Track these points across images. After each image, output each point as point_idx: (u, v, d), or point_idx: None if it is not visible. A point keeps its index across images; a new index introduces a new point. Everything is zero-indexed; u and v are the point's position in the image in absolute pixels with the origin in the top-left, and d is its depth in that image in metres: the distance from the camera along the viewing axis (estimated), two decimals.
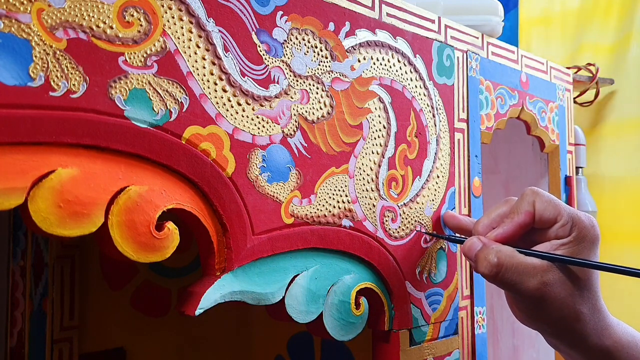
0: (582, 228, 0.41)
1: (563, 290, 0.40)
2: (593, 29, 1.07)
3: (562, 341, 0.42)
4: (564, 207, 0.42)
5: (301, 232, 0.40)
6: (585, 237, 0.41)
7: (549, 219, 0.42)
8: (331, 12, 0.43)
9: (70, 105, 0.30)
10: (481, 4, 0.59)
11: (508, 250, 0.41)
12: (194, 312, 0.34)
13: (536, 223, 0.42)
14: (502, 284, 0.41)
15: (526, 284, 0.39)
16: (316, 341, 0.62)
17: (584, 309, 0.40)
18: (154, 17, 0.33)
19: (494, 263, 0.40)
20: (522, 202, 0.43)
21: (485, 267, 0.41)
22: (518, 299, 0.41)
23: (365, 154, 0.45)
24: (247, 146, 0.37)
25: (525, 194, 0.43)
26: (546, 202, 0.42)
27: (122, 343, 0.59)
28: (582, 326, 0.41)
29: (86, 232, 0.30)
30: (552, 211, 0.41)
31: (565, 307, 0.40)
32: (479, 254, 0.42)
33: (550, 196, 0.43)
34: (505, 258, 0.40)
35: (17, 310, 0.55)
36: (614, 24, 1.05)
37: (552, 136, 0.66)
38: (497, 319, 0.75)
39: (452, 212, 0.51)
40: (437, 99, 0.51)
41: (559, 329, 0.41)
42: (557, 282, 0.40)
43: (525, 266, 0.40)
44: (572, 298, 0.40)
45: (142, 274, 0.60)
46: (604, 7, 1.07)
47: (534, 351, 0.74)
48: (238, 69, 0.37)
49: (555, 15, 1.15)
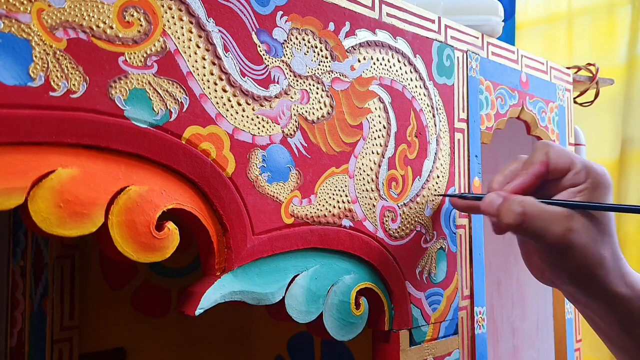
0: (596, 175, 0.42)
1: (587, 235, 0.40)
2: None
3: (583, 290, 0.42)
4: (576, 155, 0.43)
5: (301, 232, 0.40)
6: (600, 183, 0.41)
7: (564, 168, 0.42)
8: (331, 12, 0.43)
9: (70, 105, 0.30)
10: (481, 4, 0.59)
11: (530, 199, 0.41)
12: (194, 312, 0.34)
13: (550, 173, 0.43)
14: (528, 233, 0.41)
15: (552, 231, 0.40)
16: (316, 341, 0.62)
17: (606, 254, 0.41)
18: (154, 17, 0.33)
19: (519, 212, 0.40)
20: (535, 154, 0.43)
21: (510, 217, 0.41)
22: (541, 248, 0.42)
23: (365, 154, 0.45)
24: (247, 146, 0.37)
25: (538, 146, 0.44)
26: (559, 151, 0.43)
27: (122, 343, 0.59)
28: (604, 272, 0.41)
29: (86, 232, 0.30)
30: (566, 160, 0.42)
31: (589, 253, 0.40)
32: (501, 206, 0.42)
33: (562, 147, 0.43)
34: (530, 207, 0.40)
35: (17, 310, 0.55)
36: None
37: (552, 136, 0.66)
38: (497, 319, 0.75)
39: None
40: (437, 99, 0.51)
41: (581, 276, 0.41)
42: (582, 228, 0.40)
43: (550, 213, 0.40)
44: (596, 243, 0.40)
45: (142, 274, 0.60)
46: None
47: (534, 351, 0.74)
48: (238, 69, 0.37)
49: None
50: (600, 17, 1.24)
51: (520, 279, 0.77)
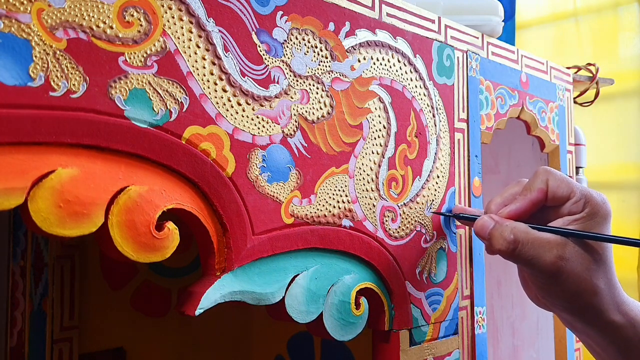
0: (594, 204, 0.41)
1: (580, 264, 0.40)
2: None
3: (578, 317, 0.42)
4: (577, 184, 0.42)
5: (301, 232, 0.40)
6: (597, 212, 0.41)
7: (562, 196, 0.42)
8: (331, 12, 0.43)
9: (70, 105, 0.30)
10: (481, 4, 0.59)
11: (522, 226, 0.41)
12: (194, 312, 0.34)
13: (549, 200, 0.43)
14: (519, 260, 0.41)
15: (543, 259, 0.40)
16: (316, 341, 0.62)
17: (600, 283, 0.40)
18: (154, 17, 0.33)
19: (511, 240, 0.40)
20: (535, 180, 0.43)
21: (502, 244, 0.41)
22: (534, 275, 0.42)
23: (365, 154, 0.45)
24: (247, 146, 0.37)
25: (538, 172, 0.43)
26: (559, 179, 0.42)
27: (122, 343, 0.59)
28: (599, 301, 0.40)
29: (86, 232, 0.30)
30: (565, 189, 0.42)
31: (582, 282, 0.40)
32: (493, 231, 0.42)
33: (563, 174, 0.43)
34: (521, 234, 0.40)
35: (17, 310, 0.55)
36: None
37: (552, 136, 0.66)
38: (497, 319, 0.75)
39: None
40: (437, 99, 0.51)
41: (575, 305, 0.41)
42: (574, 256, 0.40)
43: (541, 241, 0.40)
44: (589, 272, 0.40)
45: (142, 274, 0.60)
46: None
47: (534, 351, 0.74)
48: (238, 69, 0.37)
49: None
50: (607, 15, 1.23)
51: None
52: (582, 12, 1.28)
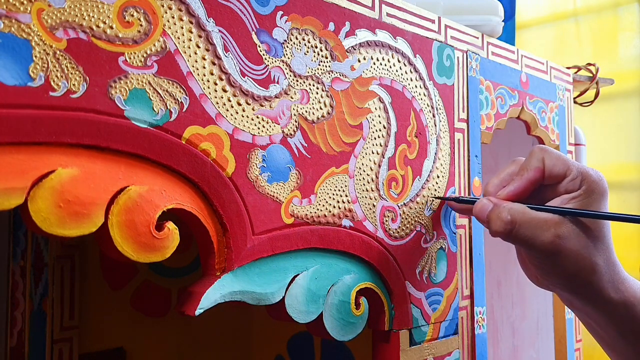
0: (591, 182, 0.41)
1: (578, 242, 0.40)
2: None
3: (577, 296, 0.42)
4: (573, 162, 0.42)
5: (301, 232, 0.40)
6: (594, 190, 0.41)
7: (559, 174, 0.42)
8: (331, 12, 0.43)
9: (70, 105, 0.30)
10: (481, 4, 0.59)
11: (519, 207, 0.41)
12: (194, 312, 0.34)
13: (546, 179, 0.43)
14: (517, 241, 0.41)
15: (541, 238, 0.40)
16: (316, 341, 0.62)
17: (599, 260, 0.40)
18: (154, 17, 0.33)
19: (507, 220, 0.41)
20: (531, 159, 0.43)
21: (499, 225, 0.41)
22: (533, 255, 0.42)
23: (365, 154, 0.45)
24: (247, 146, 0.37)
25: (534, 151, 0.44)
26: (555, 157, 0.42)
27: (122, 343, 0.59)
28: (598, 279, 0.41)
29: (86, 232, 0.30)
30: (562, 166, 0.42)
31: (580, 260, 0.40)
32: (491, 214, 0.42)
33: (559, 152, 0.43)
34: (518, 214, 0.40)
35: (17, 310, 0.55)
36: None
37: (552, 136, 0.66)
38: (497, 319, 0.75)
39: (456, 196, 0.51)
40: (437, 99, 0.51)
41: (575, 283, 0.41)
42: (572, 235, 0.40)
43: (538, 220, 0.40)
44: (587, 250, 0.40)
45: (142, 274, 0.60)
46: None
47: (534, 351, 0.74)
48: (238, 69, 0.37)
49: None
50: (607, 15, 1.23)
51: (520, 279, 0.77)
52: (582, 12, 1.28)
